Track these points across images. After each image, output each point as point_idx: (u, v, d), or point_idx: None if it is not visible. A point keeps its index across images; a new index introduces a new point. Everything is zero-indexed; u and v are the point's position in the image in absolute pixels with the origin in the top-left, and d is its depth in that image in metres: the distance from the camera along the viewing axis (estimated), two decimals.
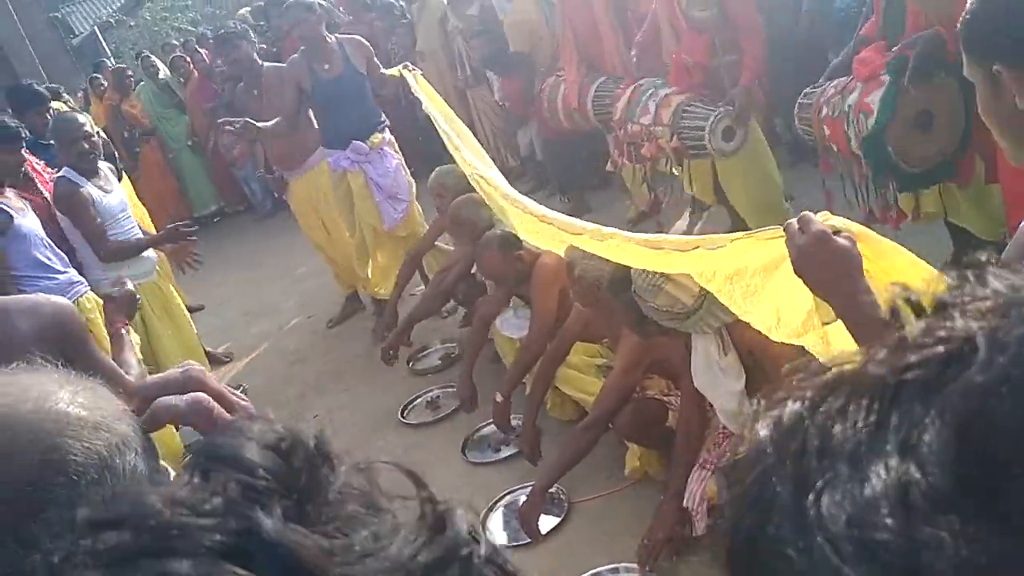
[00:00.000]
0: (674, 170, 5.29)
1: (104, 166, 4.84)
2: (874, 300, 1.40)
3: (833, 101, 3.84)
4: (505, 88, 7.09)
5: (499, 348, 4.63)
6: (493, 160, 7.62)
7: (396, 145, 5.72)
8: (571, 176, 7.06)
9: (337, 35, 5.66)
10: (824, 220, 1.58)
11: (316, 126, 5.61)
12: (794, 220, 1.56)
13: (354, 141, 5.48)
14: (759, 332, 2.07)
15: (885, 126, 3.58)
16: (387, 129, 5.63)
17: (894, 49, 3.65)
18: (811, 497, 0.36)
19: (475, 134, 7.77)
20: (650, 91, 5.05)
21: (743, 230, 4.93)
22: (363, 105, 5.47)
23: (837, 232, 1.54)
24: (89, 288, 4.29)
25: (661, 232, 5.12)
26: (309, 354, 5.90)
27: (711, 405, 3.05)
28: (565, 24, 6.02)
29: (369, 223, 5.72)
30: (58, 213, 4.64)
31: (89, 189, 4.58)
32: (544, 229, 3.05)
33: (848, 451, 0.37)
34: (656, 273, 2.67)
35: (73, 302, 4.21)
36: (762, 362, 2.74)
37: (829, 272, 1.49)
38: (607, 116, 5.63)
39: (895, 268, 1.63)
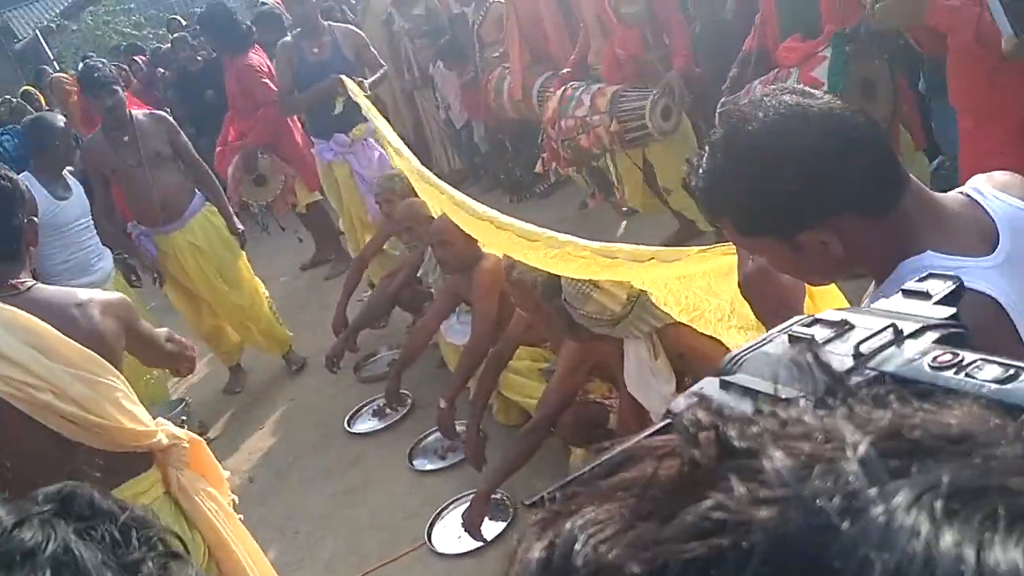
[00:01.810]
0: (610, 166, 5.36)
1: (66, 171, 4.73)
2: None
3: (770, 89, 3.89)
4: (454, 86, 7.07)
5: (444, 354, 4.62)
6: (440, 162, 7.71)
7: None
8: (516, 174, 7.11)
9: (331, 22, 5.72)
10: None
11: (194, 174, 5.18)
12: None
13: (336, 133, 5.54)
14: (690, 335, 2.10)
15: (839, 94, 3.67)
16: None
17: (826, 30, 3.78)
18: None
19: (423, 136, 7.83)
20: (582, 87, 5.14)
21: (683, 229, 5.05)
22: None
23: None
24: None
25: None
26: (255, 363, 5.82)
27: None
28: (510, 13, 6.04)
29: (356, 213, 5.78)
30: None
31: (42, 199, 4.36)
32: (500, 235, 3.02)
33: None
34: (585, 280, 2.67)
35: None
36: (692, 364, 2.77)
37: (771, 302, 1.52)
38: None
39: (836, 301, 1.66)
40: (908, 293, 0.62)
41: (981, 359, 0.47)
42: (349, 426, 4.72)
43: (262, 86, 6.12)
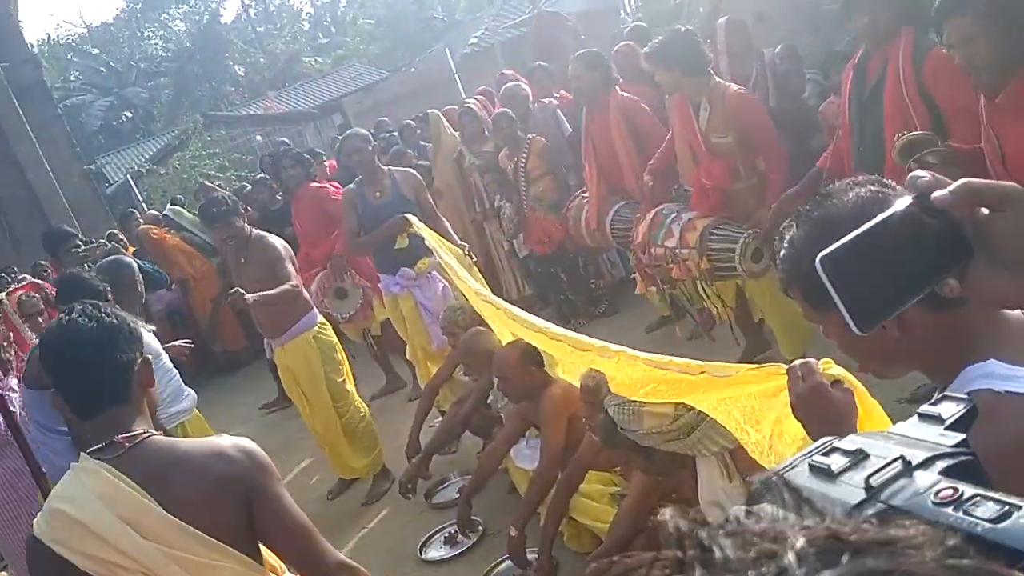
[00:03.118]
0: (701, 290, 5.37)
1: None
2: None
3: None
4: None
5: (513, 479, 4.62)
6: (510, 289, 7.89)
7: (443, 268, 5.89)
8: (574, 305, 7.38)
9: (390, 167, 6.02)
10: (825, 369, 1.64)
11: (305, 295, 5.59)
12: (797, 364, 1.62)
13: (401, 268, 5.77)
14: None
15: None
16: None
17: None
18: None
19: (492, 264, 8.03)
20: (672, 215, 5.14)
21: (758, 352, 5.03)
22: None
23: (836, 382, 1.60)
24: None
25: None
26: (326, 493, 5.88)
27: None
28: (587, 144, 6.22)
29: (420, 344, 5.95)
30: None
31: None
32: (555, 346, 3.09)
33: None
34: (629, 401, 2.69)
35: None
36: None
37: (825, 423, 1.54)
38: (625, 238, 5.86)
39: (881, 422, 1.68)
40: (923, 417, 0.66)
41: (979, 495, 0.52)
42: (421, 553, 4.70)
43: (336, 202, 6.51)
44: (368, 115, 15.48)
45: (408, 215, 5.42)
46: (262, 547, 2.10)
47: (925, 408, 0.66)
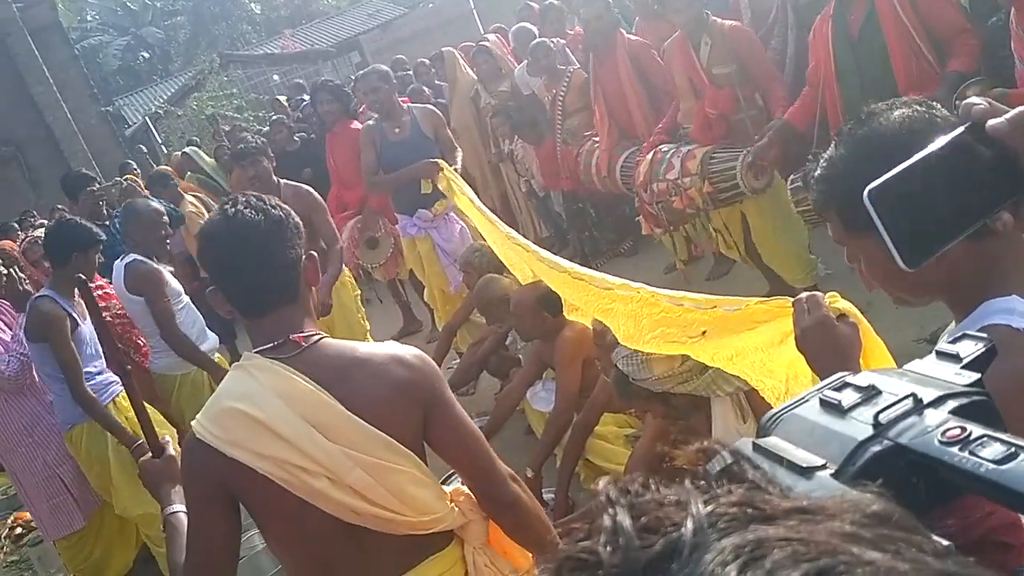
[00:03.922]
0: (706, 225, 5.38)
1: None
2: None
3: None
4: (533, 159, 7.24)
5: (530, 421, 4.64)
6: (527, 230, 7.84)
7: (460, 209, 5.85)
8: (595, 238, 7.31)
9: (410, 104, 5.98)
10: (831, 303, 1.61)
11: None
12: (803, 297, 1.59)
13: (419, 209, 5.73)
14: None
15: None
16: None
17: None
18: None
19: (509, 205, 7.99)
20: (672, 150, 5.20)
21: (772, 288, 5.01)
22: None
23: (842, 316, 1.58)
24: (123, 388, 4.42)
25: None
26: None
27: None
28: (596, 90, 6.19)
29: (438, 285, 5.95)
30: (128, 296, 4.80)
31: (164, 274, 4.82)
32: (577, 285, 3.07)
33: None
34: (635, 351, 2.68)
35: (110, 401, 4.39)
36: None
37: (828, 356, 1.52)
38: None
39: (884, 360, 1.66)
40: (941, 355, 0.64)
41: (987, 436, 0.51)
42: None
43: None
44: (386, 52, 15.35)
45: (438, 160, 5.34)
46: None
47: (943, 346, 0.64)
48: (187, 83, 23.35)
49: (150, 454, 2.25)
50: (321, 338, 1.90)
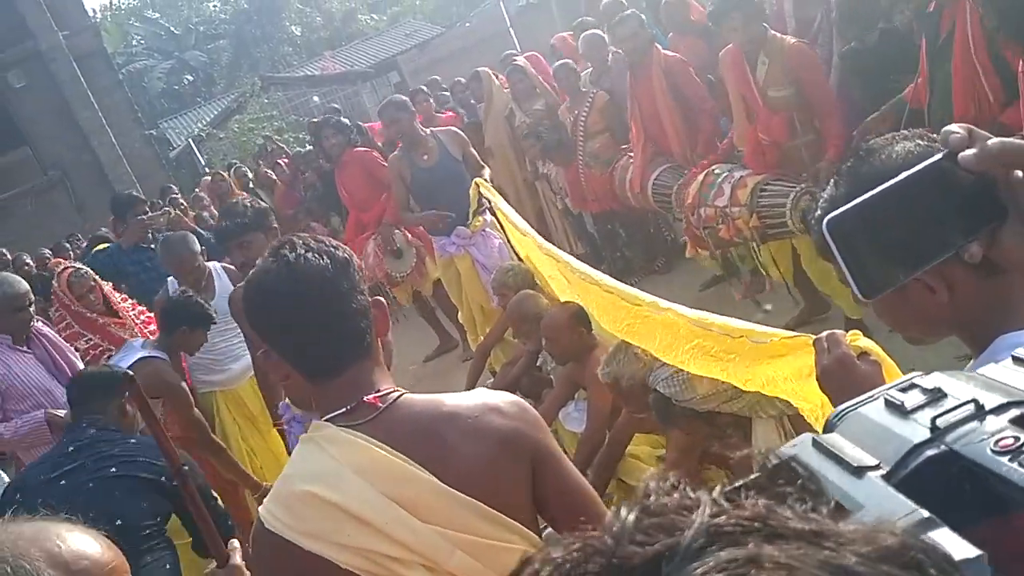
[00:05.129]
0: (754, 253, 5.23)
1: None
2: None
3: None
4: (566, 176, 7.27)
5: (562, 442, 4.61)
6: (563, 248, 7.83)
7: (497, 225, 5.86)
8: (629, 263, 7.32)
9: (432, 128, 6.02)
10: (852, 341, 1.58)
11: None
12: (823, 336, 1.57)
13: (457, 227, 5.73)
14: None
15: None
16: (488, 211, 5.77)
17: None
18: None
19: (545, 223, 7.99)
20: (724, 174, 5.02)
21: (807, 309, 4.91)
22: (461, 190, 5.60)
23: (863, 355, 1.55)
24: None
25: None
26: None
27: None
28: (633, 107, 6.17)
29: (477, 302, 5.94)
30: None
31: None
32: (607, 299, 3.06)
33: None
34: (675, 372, 2.66)
35: None
36: None
37: (849, 396, 1.48)
38: (666, 203, 5.80)
39: None
40: (1016, 360, 0.63)
41: None
42: None
43: (383, 168, 6.54)
44: (423, 72, 15.47)
45: (480, 180, 5.31)
46: None
47: (1020, 352, 0.62)
48: (229, 105, 23.77)
49: (214, 564, 2.08)
50: (400, 395, 1.61)
